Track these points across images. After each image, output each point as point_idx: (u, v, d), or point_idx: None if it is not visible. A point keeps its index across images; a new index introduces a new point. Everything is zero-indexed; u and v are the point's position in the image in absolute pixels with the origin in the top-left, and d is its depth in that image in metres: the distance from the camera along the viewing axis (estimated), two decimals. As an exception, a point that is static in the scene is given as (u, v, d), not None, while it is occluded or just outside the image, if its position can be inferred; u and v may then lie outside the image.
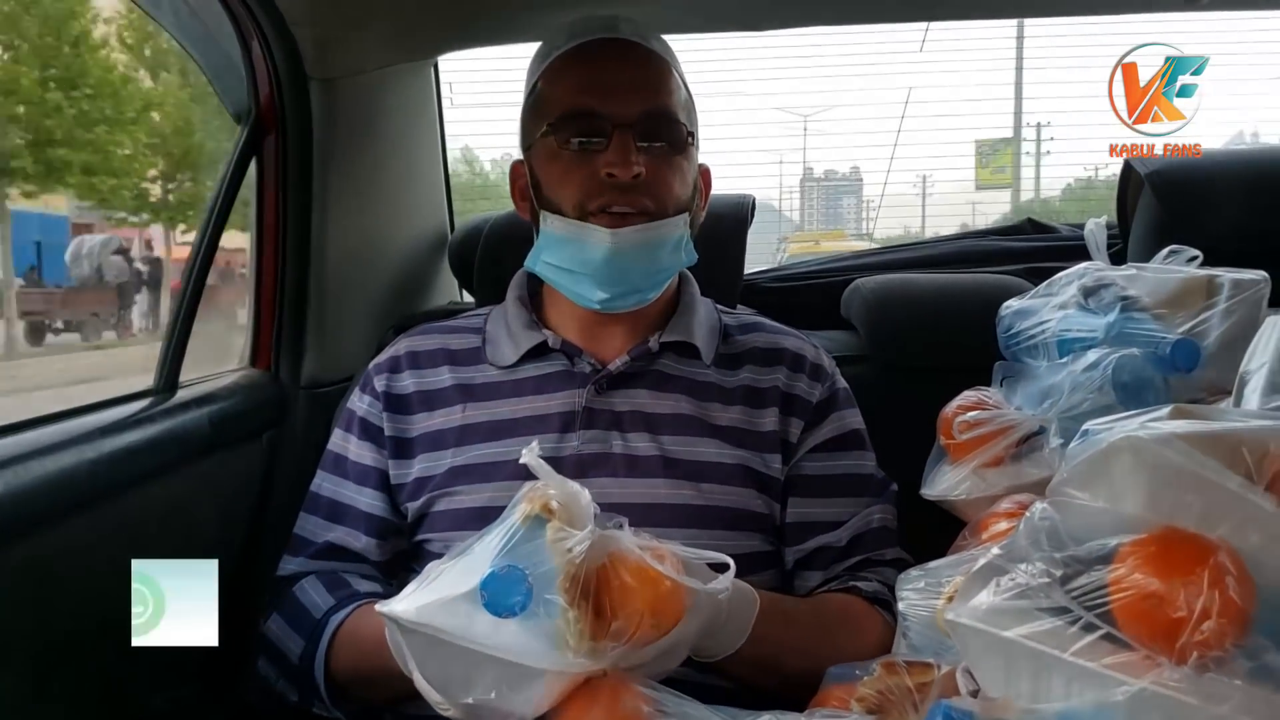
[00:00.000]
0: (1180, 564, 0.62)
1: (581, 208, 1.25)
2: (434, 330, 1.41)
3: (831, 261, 2.23)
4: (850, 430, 1.36)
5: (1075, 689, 0.64)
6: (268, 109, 1.62)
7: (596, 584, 0.85)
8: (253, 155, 1.63)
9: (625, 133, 1.24)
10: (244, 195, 1.64)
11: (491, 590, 0.83)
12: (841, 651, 1.14)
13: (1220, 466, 0.68)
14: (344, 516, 1.32)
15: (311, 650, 1.21)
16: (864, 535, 1.31)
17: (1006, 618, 0.67)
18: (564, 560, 0.84)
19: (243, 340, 1.74)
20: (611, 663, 0.86)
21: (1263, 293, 1.21)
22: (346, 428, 1.37)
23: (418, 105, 1.96)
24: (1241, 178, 1.69)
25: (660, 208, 1.26)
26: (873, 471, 1.36)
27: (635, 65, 1.29)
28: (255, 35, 1.57)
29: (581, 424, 1.27)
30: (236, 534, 1.58)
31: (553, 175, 1.28)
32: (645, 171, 1.24)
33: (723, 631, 1.06)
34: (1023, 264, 1.94)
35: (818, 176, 18.20)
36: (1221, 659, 0.60)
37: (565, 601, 0.83)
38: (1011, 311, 1.34)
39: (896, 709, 0.82)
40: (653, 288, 1.31)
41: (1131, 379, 1.10)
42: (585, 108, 1.26)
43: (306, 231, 1.70)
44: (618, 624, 0.84)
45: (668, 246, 1.28)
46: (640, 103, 1.26)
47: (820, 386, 1.35)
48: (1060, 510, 0.72)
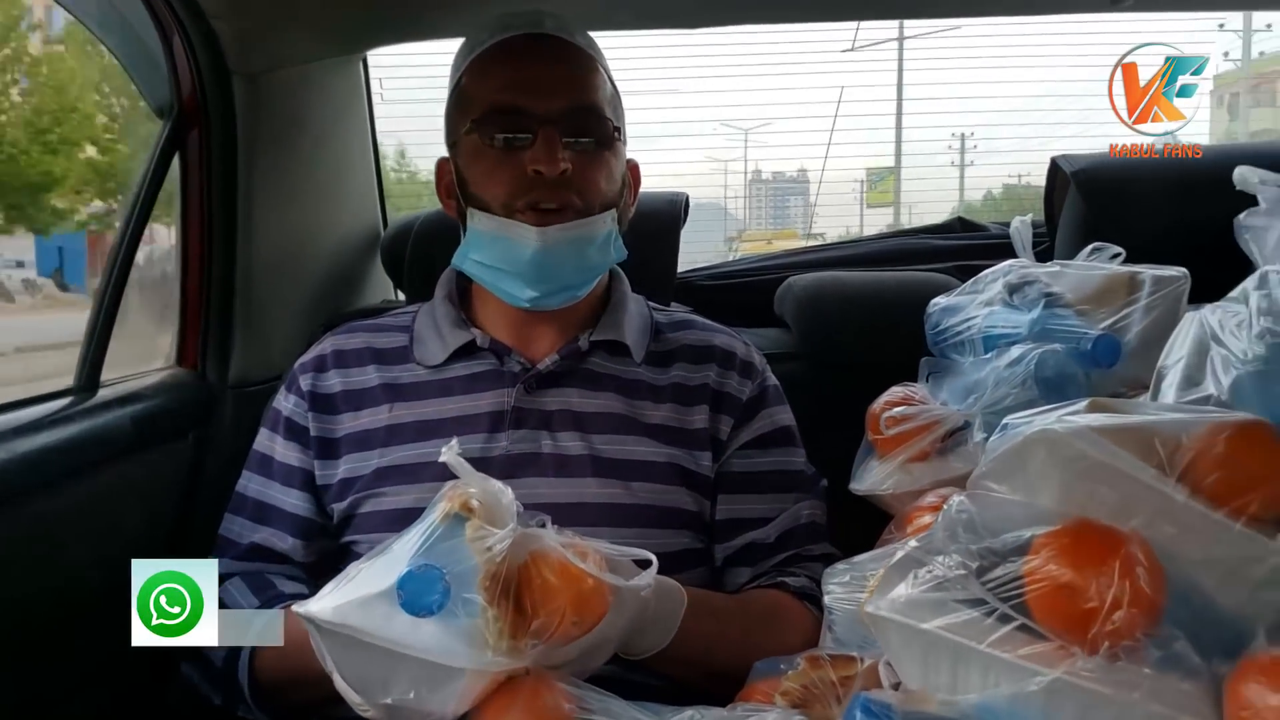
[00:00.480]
0: (1092, 555, 0.63)
1: (508, 205, 1.25)
2: (360, 329, 1.39)
3: (766, 259, 2.23)
4: (780, 427, 1.36)
5: (991, 680, 0.65)
6: (190, 104, 1.59)
7: (518, 582, 0.85)
8: (175, 151, 1.59)
9: (551, 129, 1.23)
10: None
11: (408, 589, 0.82)
12: (769, 647, 1.14)
13: (1134, 458, 0.70)
14: (270, 517, 1.30)
15: (235, 653, 1.19)
16: (793, 531, 1.31)
17: (924, 610, 0.68)
18: (484, 558, 0.83)
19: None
20: (533, 661, 0.85)
21: (1183, 289, 1.23)
22: (272, 427, 1.35)
23: (346, 101, 1.94)
24: (1163, 177, 1.72)
25: (587, 204, 1.26)
26: (802, 468, 1.36)
27: (560, 61, 1.28)
28: (175, 29, 1.54)
29: (510, 424, 1.27)
30: (161, 535, 1.55)
31: (478, 172, 1.27)
32: (571, 168, 1.23)
33: (650, 629, 1.06)
34: (952, 262, 1.96)
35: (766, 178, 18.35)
36: (1132, 648, 0.61)
37: (485, 600, 0.83)
38: (939, 308, 1.35)
39: (820, 702, 0.82)
40: (582, 284, 1.30)
41: (1053, 374, 1.11)
42: (510, 104, 1.25)
43: (233, 228, 1.67)
44: (539, 622, 0.84)
45: (596, 243, 1.28)
46: (566, 99, 1.25)
47: (750, 384, 1.35)
48: (978, 503, 0.72)
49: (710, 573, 1.31)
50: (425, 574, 0.83)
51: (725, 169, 14.00)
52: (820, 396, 1.49)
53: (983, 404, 1.15)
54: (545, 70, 1.27)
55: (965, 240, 2.13)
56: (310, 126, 1.82)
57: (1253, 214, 1.14)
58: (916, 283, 1.77)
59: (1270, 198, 1.13)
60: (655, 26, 1.92)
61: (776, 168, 17.63)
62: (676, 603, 1.10)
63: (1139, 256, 1.27)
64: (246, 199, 1.67)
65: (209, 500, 1.50)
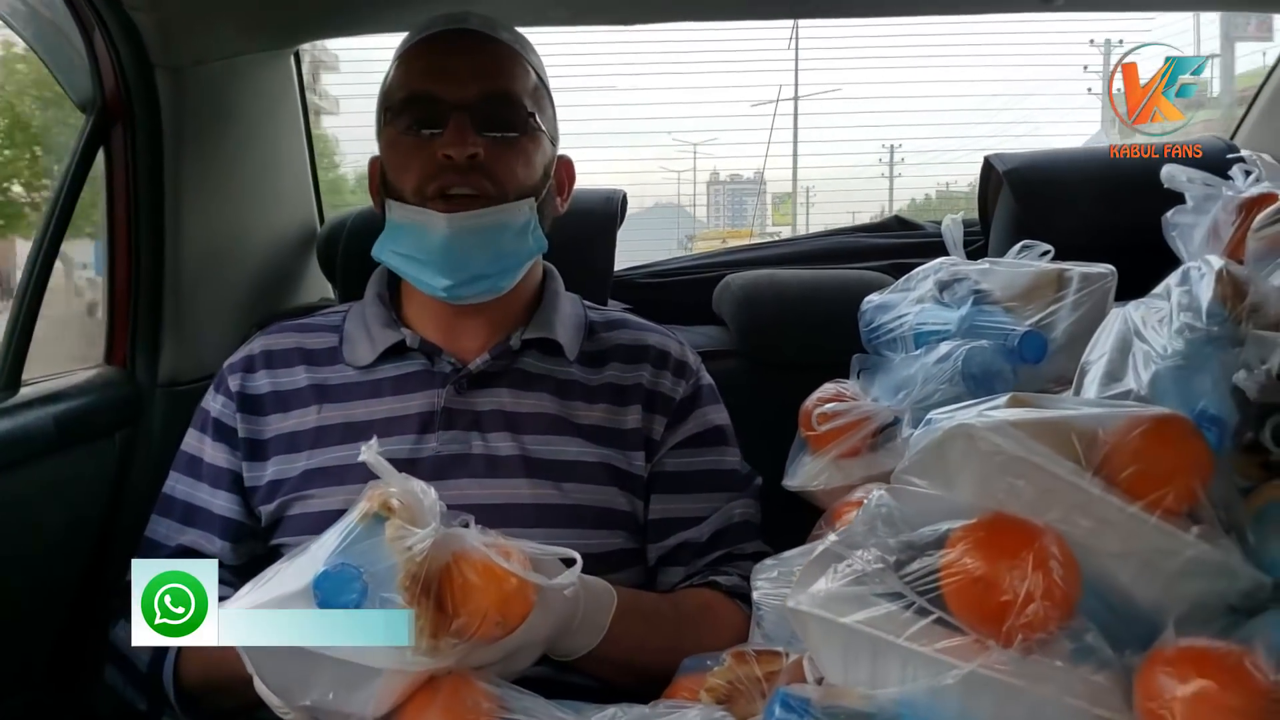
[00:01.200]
0: (1007, 549, 0.63)
1: (419, 192, 1.23)
2: (290, 329, 1.37)
3: (704, 258, 2.23)
4: (713, 426, 1.35)
5: (910, 673, 0.65)
6: (114, 98, 1.55)
7: (439, 582, 0.84)
8: (100, 145, 1.56)
9: (462, 115, 1.22)
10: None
11: (324, 589, 0.81)
12: (700, 646, 1.14)
13: (1051, 453, 0.70)
14: (197, 519, 1.28)
15: (160, 657, 1.17)
16: (726, 530, 1.30)
17: (843, 604, 0.68)
18: (404, 558, 0.82)
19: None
20: (455, 661, 0.84)
21: (1109, 286, 1.25)
22: (200, 428, 1.32)
23: (277, 95, 1.90)
24: (1092, 175, 1.75)
25: (500, 191, 1.24)
26: (736, 467, 1.36)
27: (478, 51, 1.28)
28: (95, 23, 1.50)
29: (440, 425, 1.25)
30: (86, 537, 1.51)
31: (395, 162, 1.26)
32: (484, 154, 1.22)
33: (578, 629, 1.05)
34: (889, 260, 1.97)
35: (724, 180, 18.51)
36: (1046, 641, 0.62)
37: (404, 600, 0.81)
38: (873, 306, 1.36)
39: (744, 698, 0.82)
40: (500, 274, 1.28)
41: (980, 370, 1.12)
42: (423, 92, 1.24)
43: (160, 224, 1.64)
44: (460, 622, 0.83)
45: (510, 232, 1.26)
46: (479, 86, 1.24)
47: (684, 383, 1.35)
48: (898, 497, 0.73)
49: (643, 573, 1.30)
50: (341, 573, 0.82)
51: (679, 178, 14.16)
52: (758, 394, 1.49)
53: (912, 400, 1.16)
54: (462, 59, 1.26)
55: (901, 239, 2.14)
56: (239, 121, 1.79)
57: (1180, 212, 1.16)
58: (853, 281, 1.78)
59: (1197, 196, 1.15)
60: (592, 23, 1.91)
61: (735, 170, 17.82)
62: (606, 603, 1.09)
63: (1071, 254, 1.29)
64: (174, 194, 1.64)
65: (137, 502, 1.47)
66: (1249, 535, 0.72)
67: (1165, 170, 1.16)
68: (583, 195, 1.47)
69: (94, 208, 1.64)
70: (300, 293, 2.05)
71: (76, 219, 1.53)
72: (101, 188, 1.60)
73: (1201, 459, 0.72)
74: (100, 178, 1.59)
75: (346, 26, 1.87)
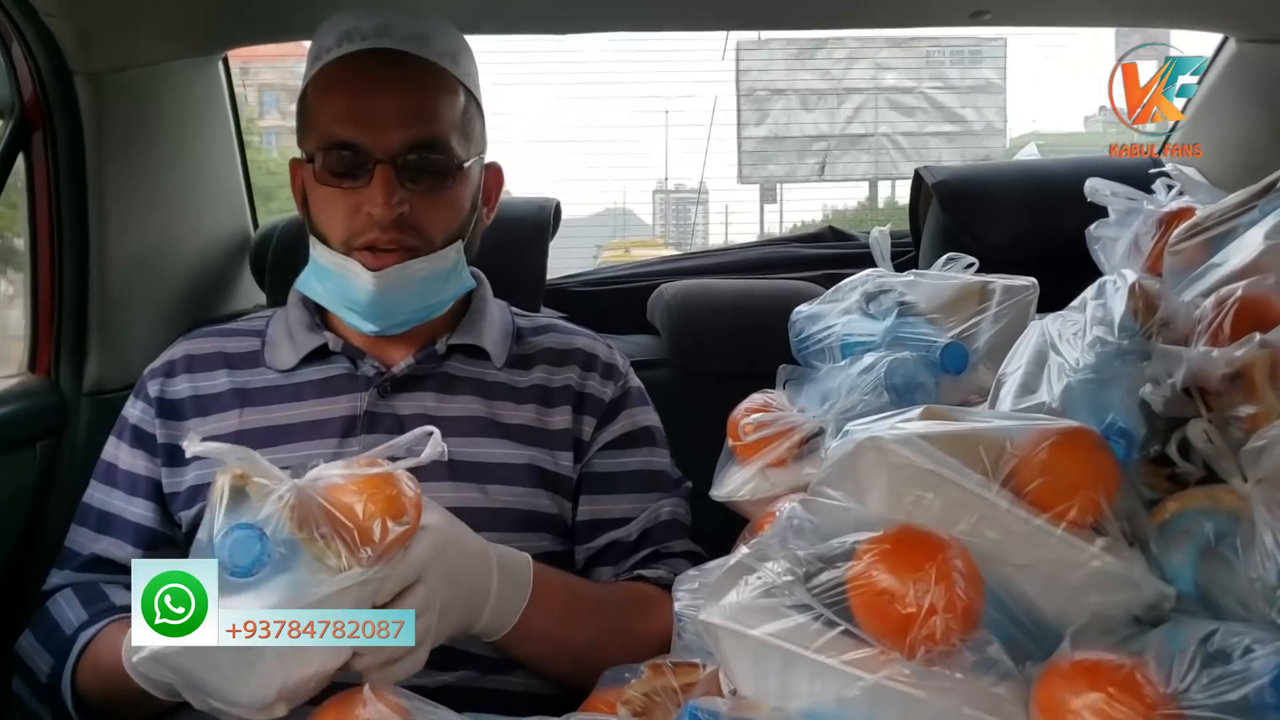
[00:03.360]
0: (911, 561, 0.64)
1: (346, 243, 1.23)
2: (212, 334, 1.36)
3: (639, 266, 2.24)
4: (642, 427, 1.36)
5: (818, 685, 0.65)
6: (32, 105, 1.54)
7: (322, 515, 0.86)
8: (19, 152, 1.54)
9: (387, 168, 1.19)
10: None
11: (230, 552, 0.83)
12: (632, 631, 1.15)
13: (959, 465, 0.71)
14: (111, 527, 1.26)
15: (59, 668, 1.15)
16: (654, 529, 1.31)
17: (753, 616, 0.68)
18: (282, 505, 0.84)
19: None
20: (388, 573, 0.89)
21: (1031, 298, 1.26)
22: (118, 435, 1.30)
23: (205, 102, 1.88)
24: (1018, 188, 1.77)
25: (427, 244, 1.24)
26: (665, 468, 1.36)
27: (403, 86, 1.23)
28: (11, 30, 1.48)
29: (363, 428, 1.24)
30: (5, 547, 1.49)
31: (318, 203, 1.25)
32: (410, 209, 1.21)
33: (499, 599, 1.04)
34: (822, 270, 1.99)
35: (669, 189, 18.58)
36: (948, 653, 0.62)
37: (303, 537, 0.84)
38: (802, 316, 1.36)
39: (661, 710, 0.82)
40: (428, 314, 1.29)
41: (902, 381, 1.13)
42: (347, 140, 1.21)
43: (84, 231, 1.61)
44: (361, 531, 0.86)
45: (437, 280, 1.26)
46: (405, 133, 1.21)
47: (613, 385, 1.35)
48: (812, 509, 0.73)
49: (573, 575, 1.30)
50: (238, 534, 0.83)
51: (625, 187, 14.18)
52: (689, 403, 1.50)
53: (836, 410, 1.16)
54: (384, 100, 1.22)
55: (834, 249, 2.16)
56: (165, 127, 1.77)
57: (1103, 225, 1.18)
58: (785, 291, 1.79)
59: (1120, 209, 1.17)
60: (526, 32, 1.91)
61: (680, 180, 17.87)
62: (523, 563, 1.09)
63: (999, 266, 1.30)
64: (97, 201, 1.62)
65: (60, 511, 1.45)
66: (1153, 547, 0.73)
67: (1089, 184, 1.18)
68: (516, 204, 1.47)
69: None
70: (232, 299, 2.03)
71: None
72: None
73: (1108, 472, 0.72)
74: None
75: (271, 33, 1.86)
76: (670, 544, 1.31)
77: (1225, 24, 1.88)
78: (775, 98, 12.78)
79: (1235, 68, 1.91)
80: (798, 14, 1.91)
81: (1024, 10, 1.88)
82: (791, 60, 12.67)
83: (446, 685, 1.14)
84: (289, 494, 0.85)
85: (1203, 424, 0.75)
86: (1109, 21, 1.75)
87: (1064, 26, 2.01)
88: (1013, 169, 1.96)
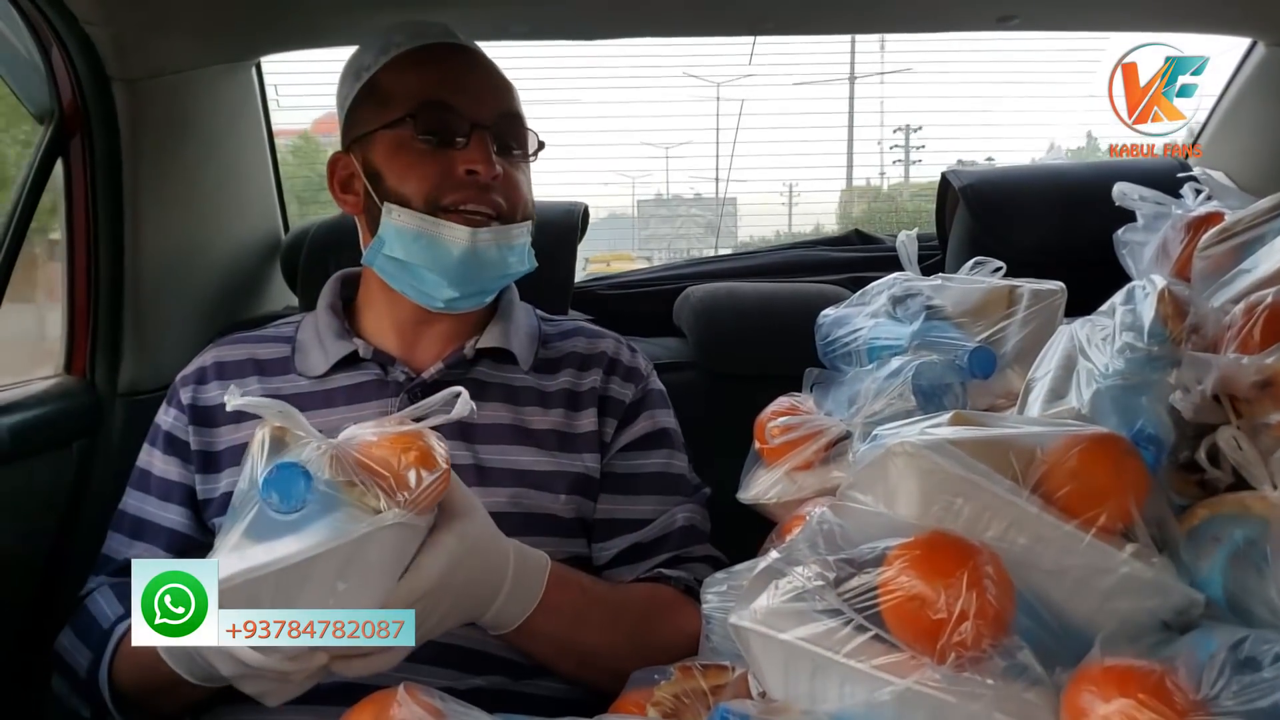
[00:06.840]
0: (942, 567, 0.64)
1: (433, 202, 1.24)
2: (243, 340, 1.37)
3: (667, 269, 2.25)
4: (661, 429, 1.36)
5: (848, 690, 0.66)
6: (71, 110, 1.57)
7: (360, 467, 0.89)
8: (58, 157, 1.57)
9: (484, 133, 1.24)
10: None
11: (275, 488, 0.85)
12: (651, 634, 1.16)
13: (989, 471, 0.71)
14: (145, 533, 1.28)
15: (97, 661, 1.16)
16: (672, 533, 1.31)
17: (784, 620, 0.68)
18: (321, 454, 0.87)
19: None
20: (422, 512, 0.91)
21: (1059, 302, 1.26)
22: (152, 442, 1.32)
23: (238, 107, 1.90)
24: (1044, 192, 1.77)
25: (511, 211, 1.27)
26: (683, 472, 1.36)
27: (485, 69, 1.31)
28: (51, 37, 1.51)
29: None
30: (41, 549, 1.51)
31: (399, 166, 1.26)
32: (502, 174, 1.24)
33: (507, 601, 1.05)
34: (848, 274, 1.99)
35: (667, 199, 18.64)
36: (978, 658, 0.62)
37: (342, 481, 0.87)
38: (829, 320, 1.37)
39: (690, 712, 0.82)
40: (496, 289, 1.33)
41: (930, 385, 1.13)
42: (444, 101, 1.25)
43: (119, 234, 1.64)
44: (396, 479, 0.89)
45: (517, 251, 1.29)
46: (496, 105, 1.27)
47: (634, 387, 1.36)
48: (841, 514, 0.74)
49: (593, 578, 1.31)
50: (281, 472, 0.85)
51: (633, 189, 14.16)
52: (716, 406, 1.51)
53: (863, 414, 1.16)
54: (475, 76, 1.28)
55: (861, 252, 2.16)
56: (199, 132, 1.79)
57: (1131, 229, 1.18)
58: (810, 294, 1.79)
59: (1148, 214, 1.17)
60: (551, 38, 1.92)
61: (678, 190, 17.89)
62: (539, 563, 1.10)
63: (1025, 270, 1.30)
64: (133, 204, 1.64)
65: (96, 513, 1.47)
66: (1182, 553, 0.74)
67: (1117, 188, 1.18)
68: (545, 207, 1.47)
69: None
70: (263, 301, 2.05)
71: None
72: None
73: (1137, 478, 0.73)
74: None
75: (306, 40, 1.88)
76: (691, 549, 1.31)
77: (1254, 28, 1.88)
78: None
79: (1264, 71, 1.90)
80: (824, 19, 1.91)
81: (1050, 15, 1.88)
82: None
83: (478, 688, 1.15)
84: (326, 446, 0.88)
85: (1232, 431, 0.75)
86: (1136, 26, 1.73)
87: (1090, 31, 2.00)
88: (1040, 172, 1.95)
